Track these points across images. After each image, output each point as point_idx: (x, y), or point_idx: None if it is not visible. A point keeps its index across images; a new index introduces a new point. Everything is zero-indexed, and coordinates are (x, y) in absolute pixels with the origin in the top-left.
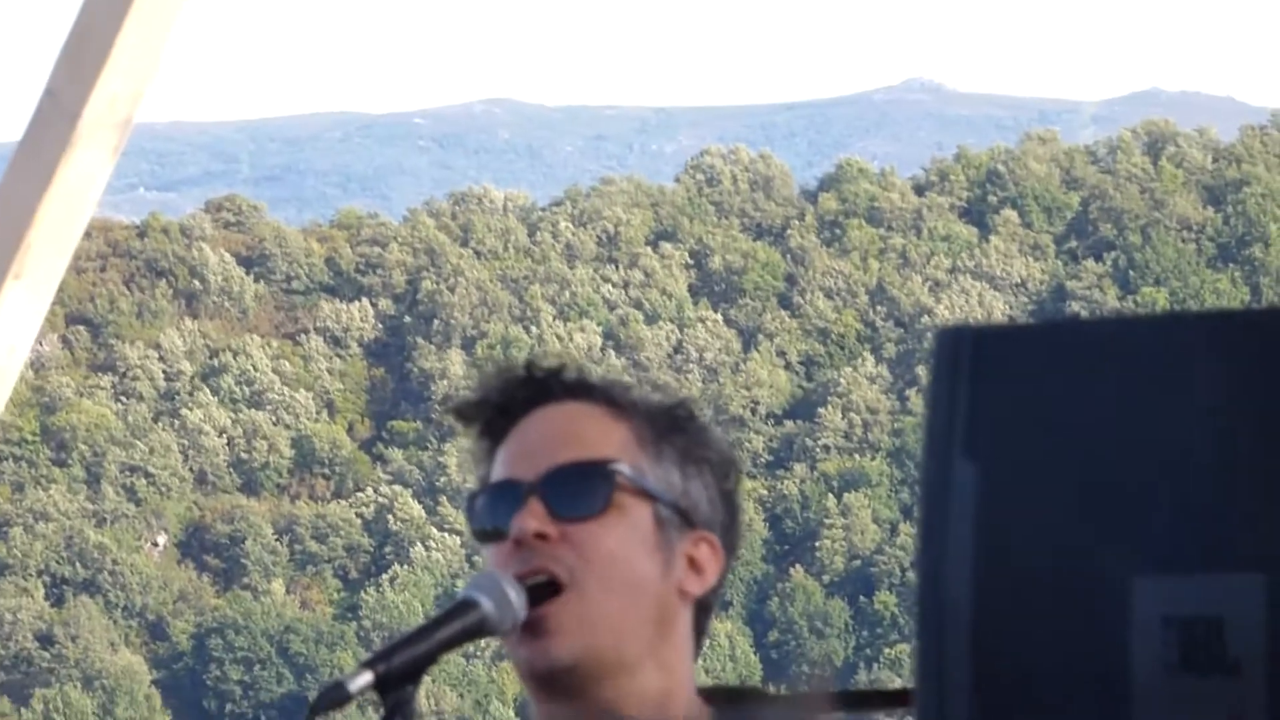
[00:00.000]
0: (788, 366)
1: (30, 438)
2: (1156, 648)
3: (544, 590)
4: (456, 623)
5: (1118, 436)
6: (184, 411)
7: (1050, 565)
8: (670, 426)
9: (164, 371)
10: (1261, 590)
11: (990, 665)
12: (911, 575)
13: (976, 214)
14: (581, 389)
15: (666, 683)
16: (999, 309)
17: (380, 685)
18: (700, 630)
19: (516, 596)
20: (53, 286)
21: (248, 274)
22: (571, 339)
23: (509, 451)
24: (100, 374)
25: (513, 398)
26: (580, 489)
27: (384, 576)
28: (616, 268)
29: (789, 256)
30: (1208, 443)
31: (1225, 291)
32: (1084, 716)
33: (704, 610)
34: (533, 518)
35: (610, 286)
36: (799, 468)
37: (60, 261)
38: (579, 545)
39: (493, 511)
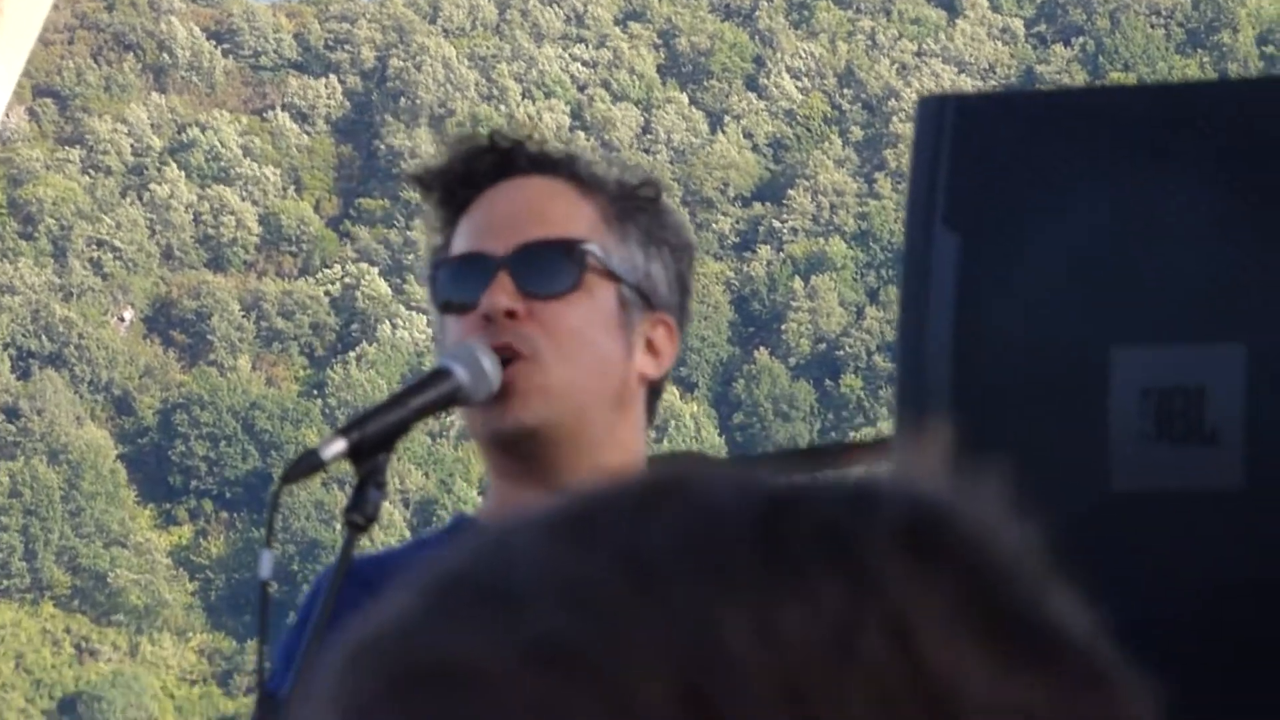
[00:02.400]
0: (755, 149)
1: None
2: (1133, 418)
3: (510, 360)
4: (431, 391)
5: (1100, 207)
6: (152, 186)
7: (1030, 335)
8: (635, 207)
9: (132, 146)
10: (1241, 359)
11: (973, 440)
12: (878, 359)
13: None
14: (548, 164)
15: (621, 457)
16: (968, 92)
17: (354, 453)
18: (650, 411)
19: (491, 366)
20: (24, 54)
21: (216, 48)
22: (540, 118)
23: (475, 223)
24: (68, 147)
25: (477, 168)
26: (550, 267)
27: (350, 354)
28: (585, 47)
29: (757, 38)
30: (1190, 213)
31: (1193, 78)
32: (1062, 485)
33: (655, 392)
34: (503, 294)
35: (579, 66)
36: (765, 250)
37: (31, 29)
38: (546, 323)
39: (459, 284)
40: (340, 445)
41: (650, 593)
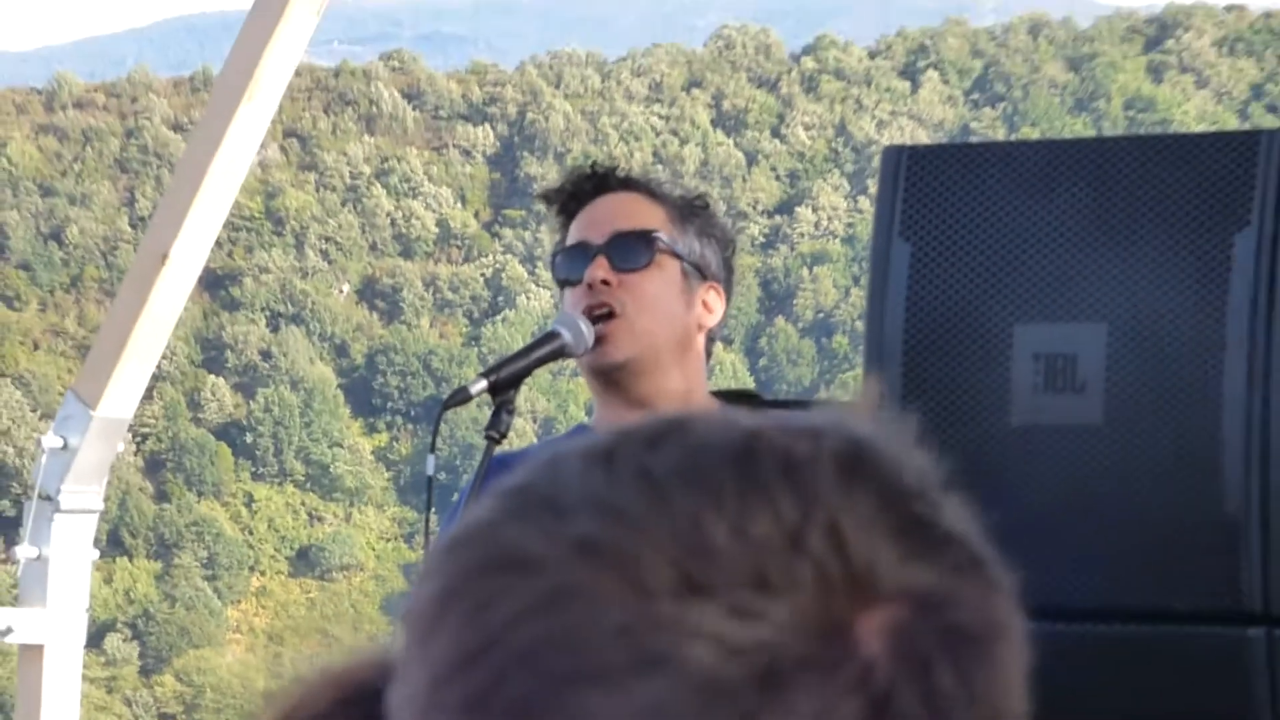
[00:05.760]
0: (778, 179)
1: (257, 215)
2: (1028, 374)
3: (606, 317)
4: (545, 347)
5: (1010, 225)
6: (363, 200)
7: (959, 316)
8: (692, 210)
9: (350, 172)
10: (1104, 335)
11: (916, 386)
12: (860, 325)
13: (911, 74)
14: (630, 183)
15: (686, 385)
16: (924, 140)
17: (492, 389)
18: (708, 353)
19: (587, 329)
20: (273, 107)
21: (409, 105)
22: (632, 156)
23: (580, 223)
24: (306, 172)
25: (581, 187)
26: (632, 250)
27: (498, 318)
28: (661, 105)
29: (780, 101)
30: (1071, 229)
31: (1080, 132)
32: (977, 421)
33: (711, 339)
34: (600, 270)
35: (656, 119)
36: (783, 248)
37: (278, 90)
38: (630, 288)
39: (571, 265)
40: (482, 384)
41: (657, 504)
